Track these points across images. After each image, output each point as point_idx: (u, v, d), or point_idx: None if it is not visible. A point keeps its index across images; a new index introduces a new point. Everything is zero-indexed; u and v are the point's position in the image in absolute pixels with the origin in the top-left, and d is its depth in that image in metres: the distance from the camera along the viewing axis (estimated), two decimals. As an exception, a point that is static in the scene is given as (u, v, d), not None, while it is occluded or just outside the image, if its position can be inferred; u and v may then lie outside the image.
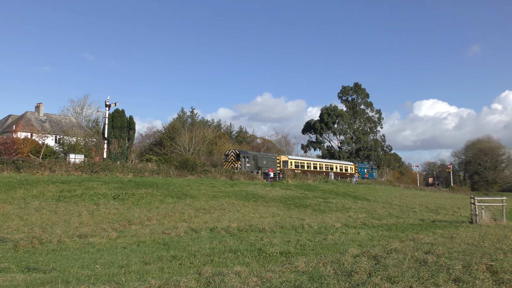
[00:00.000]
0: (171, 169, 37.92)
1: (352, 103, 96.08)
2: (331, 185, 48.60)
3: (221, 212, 22.29)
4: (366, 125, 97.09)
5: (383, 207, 32.14)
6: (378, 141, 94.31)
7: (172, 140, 63.33)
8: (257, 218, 21.34)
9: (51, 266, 10.64)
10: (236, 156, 47.97)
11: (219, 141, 70.25)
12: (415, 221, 23.70)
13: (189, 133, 63.81)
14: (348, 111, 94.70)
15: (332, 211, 26.58)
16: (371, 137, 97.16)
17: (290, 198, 31.18)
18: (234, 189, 32.42)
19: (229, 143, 74.87)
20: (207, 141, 66.35)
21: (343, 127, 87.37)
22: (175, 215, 20.55)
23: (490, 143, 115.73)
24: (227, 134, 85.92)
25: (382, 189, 51.80)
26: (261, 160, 50.55)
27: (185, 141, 61.85)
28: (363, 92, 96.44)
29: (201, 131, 67.26)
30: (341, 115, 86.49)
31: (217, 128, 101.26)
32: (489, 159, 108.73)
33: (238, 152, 48.46)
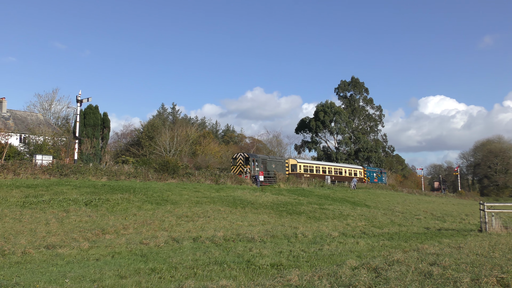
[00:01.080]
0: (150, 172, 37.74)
1: (351, 100, 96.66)
2: (328, 189, 48.77)
3: (206, 219, 22.24)
4: (366, 124, 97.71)
5: (384, 214, 32.33)
6: (379, 141, 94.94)
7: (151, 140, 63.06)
8: (245, 226, 21.33)
9: (14, 280, 10.52)
10: (245, 160, 49.50)
11: (203, 140, 70.16)
12: (419, 229, 23.86)
13: (170, 132, 63.57)
14: (346, 108, 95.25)
15: (328, 219, 26.66)
16: (371, 137, 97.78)
17: (282, 204, 31.20)
18: (220, 194, 32.37)
19: (214, 143, 74.84)
20: (190, 140, 66.19)
21: (340, 125, 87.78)
22: (154, 223, 20.45)
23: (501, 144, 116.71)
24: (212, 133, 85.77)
25: (384, 194, 52.11)
26: (270, 164, 52.75)
27: (166, 140, 61.60)
28: (362, 87, 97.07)
29: (183, 129, 67.06)
30: (338, 112, 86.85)
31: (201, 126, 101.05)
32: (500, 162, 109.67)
33: (247, 156, 50.03)
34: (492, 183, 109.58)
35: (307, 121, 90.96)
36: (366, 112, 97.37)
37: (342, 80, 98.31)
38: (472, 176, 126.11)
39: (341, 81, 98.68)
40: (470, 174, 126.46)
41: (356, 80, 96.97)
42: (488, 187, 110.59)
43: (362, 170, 72.84)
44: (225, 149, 75.04)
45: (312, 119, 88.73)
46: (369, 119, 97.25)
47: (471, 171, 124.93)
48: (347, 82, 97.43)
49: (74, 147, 39.69)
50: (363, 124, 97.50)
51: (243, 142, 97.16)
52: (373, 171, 75.94)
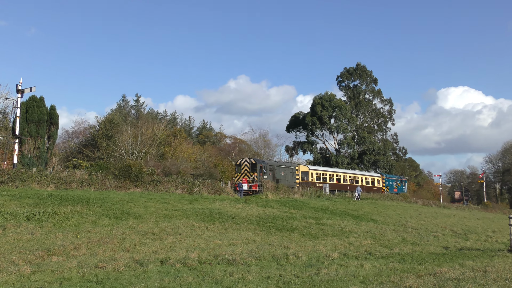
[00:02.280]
0: (108, 179, 37.50)
1: (355, 91, 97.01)
2: (326, 201, 48.86)
3: (176, 237, 22.13)
4: (373, 121, 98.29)
5: (394, 230, 32.51)
6: (389, 142, 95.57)
7: (110, 140, 62.61)
8: (225, 245, 21.27)
9: None
10: (251, 167, 51.31)
11: (174, 140, 69.88)
12: (436, 249, 24.02)
13: (133, 130, 63.25)
14: (350, 102, 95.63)
15: (326, 236, 26.71)
16: (379, 136, 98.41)
17: (271, 218, 31.18)
18: (194, 207, 32.24)
19: (187, 143, 74.62)
20: (158, 140, 65.90)
21: (342, 122, 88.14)
22: (112, 242, 20.29)
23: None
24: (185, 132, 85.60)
25: (394, 207, 52.42)
26: (278, 171, 55.25)
27: (128, 140, 61.24)
28: (369, 76, 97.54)
29: (149, 126, 66.74)
30: (339, 106, 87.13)
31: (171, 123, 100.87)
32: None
33: (254, 162, 51.88)
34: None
35: (301, 117, 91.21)
36: (374, 106, 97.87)
37: (345, 68, 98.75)
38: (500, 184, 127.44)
39: (344, 68, 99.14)
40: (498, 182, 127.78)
41: (362, 67, 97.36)
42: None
43: (380, 178, 75.51)
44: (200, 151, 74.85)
45: (308, 114, 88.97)
46: (377, 115, 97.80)
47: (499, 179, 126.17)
48: (351, 70, 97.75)
49: (13, 148, 39.26)
50: (370, 121, 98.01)
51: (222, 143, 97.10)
52: (392, 180, 78.35)
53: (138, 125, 66.11)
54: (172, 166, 55.03)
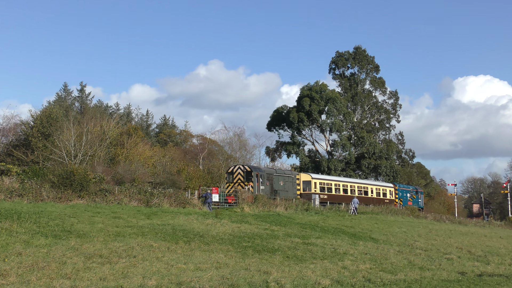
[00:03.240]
0: (45, 188, 37.18)
1: (352, 81, 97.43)
2: (315, 215, 48.99)
3: (130, 261, 22.02)
4: (374, 117, 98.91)
5: (399, 252, 32.72)
6: (393, 144, 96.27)
7: (47, 139, 62.07)
8: (190, 271, 21.21)
9: None
10: (245, 175, 53.31)
11: (128, 140, 69.55)
12: (450, 275, 24.21)
13: (76, 127, 62.77)
14: (345, 93, 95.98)
15: (316, 259, 26.78)
16: (381, 136, 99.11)
17: (247, 237, 31.20)
18: (152, 222, 32.12)
19: (145, 144, 74.32)
20: (108, 140, 65.54)
21: (335, 119, 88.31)
22: (50, 267, 20.12)
23: None
24: (141, 129, 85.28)
25: (398, 223, 52.77)
26: (277, 181, 57.46)
27: (70, 140, 60.78)
28: (370, 62, 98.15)
29: (97, 123, 66.37)
30: (333, 99, 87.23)
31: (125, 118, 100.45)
32: None
33: (250, 169, 53.83)
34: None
35: (286, 112, 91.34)
36: (375, 99, 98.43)
37: (339, 52, 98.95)
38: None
39: (338, 52, 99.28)
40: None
41: (361, 51, 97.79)
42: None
43: (393, 189, 77.96)
44: (160, 154, 74.57)
45: (293, 109, 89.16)
46: (379, 110, 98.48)
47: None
48: (348, 54, 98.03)
49: None
50: (370, 118, 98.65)
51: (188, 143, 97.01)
52: (406, 191, 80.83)
53: (83, 121, 65.61)
54: (126, 172, 54.72)
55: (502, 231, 67.54)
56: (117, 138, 69.13)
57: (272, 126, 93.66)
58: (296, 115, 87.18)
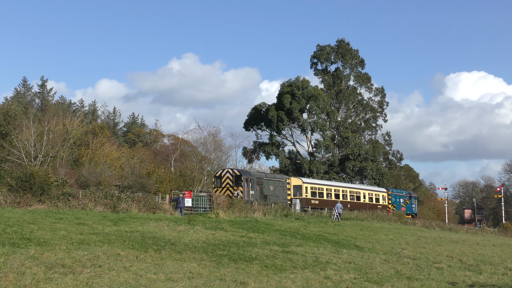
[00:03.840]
0: (2, 191, 36.93)
1: (335, 77, 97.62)
2: (295, 221, 49.06)
3: (95, 271, 21.95)
4: (359, 116, 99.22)
5: (385, 260, 32.90)
6: (379, 144, 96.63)
7: (5, 139, 61.66)
8: (161, 281, 21.20)
9: None
10: (234, 179, 54.89)
11: (93, 140, 69.30)
12: (440, 285, 24.40)
13: (36, 126, 62.42)
14: (328, 90, 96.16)
15: (296, 269, 26.86)
16: (366, 136, 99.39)
17: (223, 244, 31.20)
18: (119, 229, 32.01)
19: (111, 144, 74.09)
20: (72, 140, 65.24)
21: (318, 118, 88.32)
22: (7, 278, 20.02)
23: None
24: (108, 128, 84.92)
25: (385, 229, 53.02)
26: (267, 185, 59.09)
27: (29, 140, 60.43)
28: (354, 56, 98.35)
29: (59, 121, 66.00)
30: (315, 96, 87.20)
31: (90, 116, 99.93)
32: None
33: (239, 173, 55.49)
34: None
35: (264, 110, 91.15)
36: (360, 96, 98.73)
37: (321, 45, 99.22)
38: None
39: (319, 45, 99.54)
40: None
41: (345, 45, 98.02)
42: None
43: (385, 194, 79.54)
44: (128, 155, 74.40)
45: (273, 106, 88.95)
46: (364, 109, 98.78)
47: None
48: (330, 48, 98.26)
49: None
50: (355, 117, 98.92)
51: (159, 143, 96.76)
52: (399, 196, 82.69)
53: (44, 119, 65.26)
54: (91, 175, 54.51)
55: (495, 238, 68.08)
56: (81, 137, 68.81)
57: (249, 126, 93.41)
58: (275, 113, 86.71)
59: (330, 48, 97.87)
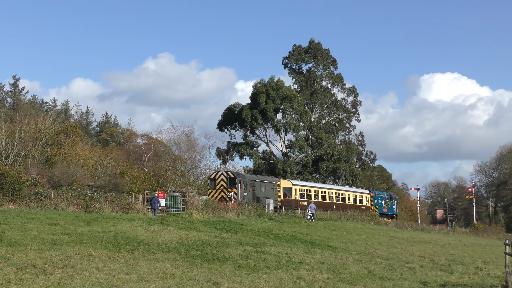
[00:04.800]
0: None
1: (308, 77, 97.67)
2: (269, 221, 49.10)
3: (67, 271, 21.81)
4: (333, 116, 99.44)
5: (358, 261, 33.03)
6: (353, 145, 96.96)
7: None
8: (134, 282, 21.12)
9: None
10: (228, 182, 57.38)
11: (66, 140, 68.83)
12: (412, 285, 24.56)
13: (8, 125, 61.93)
14: (302, 91, 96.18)
15: (269, 269, 26.88)
16: (340, 137, 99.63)
17: (196, 245, 31.15)
18: (92, 229, 31.85)
19: (84, 143, 73.65)
20: (44, 139, 64.81)
21: (292, 118, 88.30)
22: (-22, 279, 19.83)
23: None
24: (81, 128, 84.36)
25: (358, 230, 53.21)
26: (259, 187, 61.82)
27: (1, 139, 59.96)
28: (326, 56, 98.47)
29: (32, 120, 65.52)
30: (289, 97, 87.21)
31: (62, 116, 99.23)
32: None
33: (233, 176, 58.05)
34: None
35: (238, 110, 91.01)
36: (333, 97, 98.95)
37: (295, 45, 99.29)
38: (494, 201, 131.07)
39: (293, 46, 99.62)
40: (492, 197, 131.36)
41: (316, 45, 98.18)
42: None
43: (368, 195, 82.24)
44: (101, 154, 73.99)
45: (247, 106, 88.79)
46: (338, 109, 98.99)
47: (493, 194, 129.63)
48: (302, 49, 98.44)
49: None
50: (328, 117, 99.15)
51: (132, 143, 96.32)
52: (381, 197, 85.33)
53: (16, 118, 64.75)
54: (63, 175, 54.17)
55: (466, 238, 68.64)
56: (54, 137, 68.36)
57: (223, 126, 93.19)
58: (249, 113, 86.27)
59: (301, 49, 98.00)
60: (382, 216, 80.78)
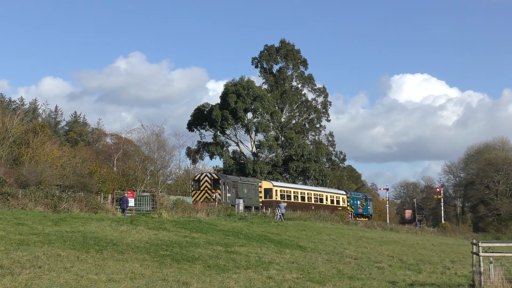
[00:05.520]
0: None
1: (279, 77, 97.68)
2: (239, 221, 49.07)
3: (35, 272, 21.63)
4: (303, 116, 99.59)
5: (328, 260, 33.16)
6: (323, 145, 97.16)
7: None
8: (102, 282, 21.00)
9: None
10: (212, 183, 59.17)
11: (34, 139, 68.25)
12: (381, 284, 24.70)
13: (-25, 124, 61.31)
14: (272, 91, 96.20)
15: (239, 269, 26.88)
16: (310, 137, 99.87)
17: (165, 245, 31.07)
18: (60, 229, 31.61)
19: (53, 143, 73.06)
20: (11, 138, 64.23)
21: (262, 118, 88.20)
22: None
23: (505, 151, 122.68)
24: (49, 127, 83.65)
25: (327, 230, 53.38)
26: (241, 188, 63.72)
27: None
28: (297, 56, 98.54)
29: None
30: (260, 97, 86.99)
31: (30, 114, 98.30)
32: (503, 179, 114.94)
33: (217, 177, 59.77)
34: (491, 211, 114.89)
35: (208, 110, 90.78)
36: (304, 97, 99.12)
37: (266, 45, 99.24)
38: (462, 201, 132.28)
39: (265, 46, 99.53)
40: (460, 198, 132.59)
41: (287, 45, 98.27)
42: (486, 218, 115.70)
43: (345, 196, 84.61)
44: (70, 154, 73.47)
45: (217, 106, 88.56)
46: (308, 109, 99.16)
47: (461, 194, 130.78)
48: (274, 49, 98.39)
49: None
50: (298, 117, 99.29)
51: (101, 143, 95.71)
52: (357, 198, 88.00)
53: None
54: (31, 174, 53.72)
55: (434, 238, 69.24)
56: (21, 136, 67.77)
57: (193, 126, 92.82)
58: (219, 113, 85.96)
59: (273, 49, 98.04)
60: (358, 216, 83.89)
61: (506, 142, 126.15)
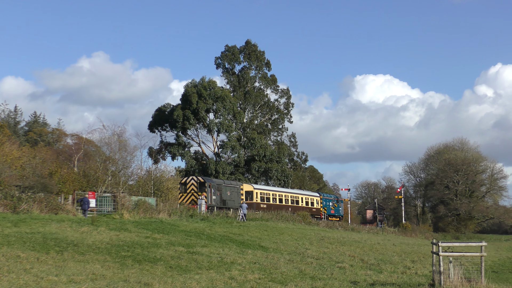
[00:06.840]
0: None
1: (241, 78, 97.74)
2: (201, 222, 49.01)
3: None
4: (266, 117, 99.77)
5: (290, 260, 33.28)
6: (285, 146, 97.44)
7: None
8: (63, 283, 20.83)
9: None
10: (198, 186, 62.10)
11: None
12: (342, 284, 24.87)
13: None
14: (235, 91, 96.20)
15: (201, 269, 26.87)
16: (272, 137, 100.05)
17: (127, 245, 30.93)
18: (20, 230, 31.30)
19: (12, 143, 72.19)
20: (-31, 139, 63.33)
21: (225, 119, 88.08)
22: None
23: (465, 152, 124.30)
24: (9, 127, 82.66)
25: (289, 230, 53.55)
26: (225, 191, 66.78)
27: None
28: (260, 57, 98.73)
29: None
30: (222, 97, 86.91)
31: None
32: (462, 179, 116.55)
33: (203, 180, 62.80)
34: (450, 211, 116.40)
35: (169, 110, 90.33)
36: (266, 98, 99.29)
37: (227, 46, 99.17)
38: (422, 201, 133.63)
39: (226, 46, 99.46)
40: (420, 198, 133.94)
41: (251, 46, 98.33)
42: (445, 218, 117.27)
43: (318, 198, 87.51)
44: (30, 154, 72.65)
45: (178, 107, 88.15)
46: (271, 110, 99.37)
47: (421, 194, 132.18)
48: (236, 49, 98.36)
49: None
50: (261, 118, 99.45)
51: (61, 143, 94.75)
52: (329, 200, 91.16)
53: None
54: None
55: (395, 238, 69.94)
56: (-20, 136, 66.91)
57: (154, 127, 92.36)
58: (181, 113, 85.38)
59: (236, 49, 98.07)
60: (330, 217, 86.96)
61: (466, 142, 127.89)
